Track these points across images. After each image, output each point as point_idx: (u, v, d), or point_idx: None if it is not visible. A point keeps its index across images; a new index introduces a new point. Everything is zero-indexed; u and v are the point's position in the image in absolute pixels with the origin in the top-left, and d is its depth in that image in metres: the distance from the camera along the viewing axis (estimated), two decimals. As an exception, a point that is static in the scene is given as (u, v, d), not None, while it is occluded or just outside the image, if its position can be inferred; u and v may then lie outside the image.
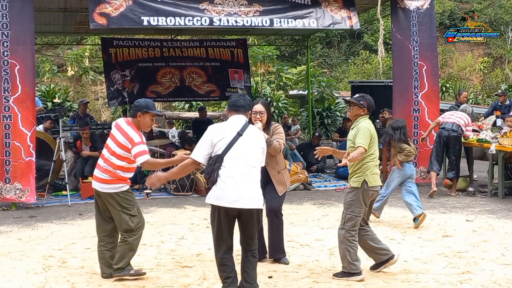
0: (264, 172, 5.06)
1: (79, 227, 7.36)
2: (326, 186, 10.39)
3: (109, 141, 4.98)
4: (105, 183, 4.92)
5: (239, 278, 4.42)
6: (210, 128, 4.41)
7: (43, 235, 6.89)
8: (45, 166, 9.39)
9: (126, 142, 4.84)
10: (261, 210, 4.41)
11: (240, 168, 4.24)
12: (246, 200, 4.22)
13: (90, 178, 9.75)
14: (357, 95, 5.26)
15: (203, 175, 9.60)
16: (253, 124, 4.98)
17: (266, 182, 5.28)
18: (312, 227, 7.17)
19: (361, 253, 5.16)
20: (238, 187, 4.20)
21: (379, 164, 10.87)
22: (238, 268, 4.43)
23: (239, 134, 4.31)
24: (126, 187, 4.99)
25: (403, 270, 5.27)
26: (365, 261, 5.62)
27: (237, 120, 4.42)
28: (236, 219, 4.37)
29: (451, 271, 5.23)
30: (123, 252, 5.00)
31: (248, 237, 4.38)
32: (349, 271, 5.01)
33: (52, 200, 9.31)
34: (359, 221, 5.07)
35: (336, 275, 5.09)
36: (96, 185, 4.98)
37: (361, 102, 5.08)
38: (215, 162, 4.24)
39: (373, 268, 5.27)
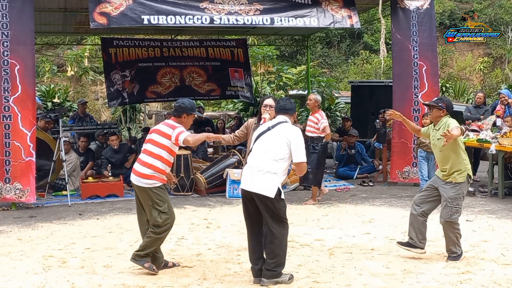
0: None
1: (79, 227, 7.36)
2: (326, 186, 10.36)
3: (152, 135, 5.25)
4: (142, 178, 5.15)
5: None
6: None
7: (43, 235, 6.89)
8: (45, 166, 9.39)
9: (169, 129, 5.14)
10: (274, 199, 4.71)
11: (258, 157, 4.78)
12: (253, 184, 4.73)
13: (90, 178, 9.82)
14: (435, 98, 5.81)
15: (203, 175, 9.65)
16: (261, 115, 5.65)
17: None
18: (312, 227, 7.17)
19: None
20: (252, 172, 4.77)
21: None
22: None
23: (269, 129, 4.87)
24: (159, 183, 5.16)
25: (403, 270, 5.27)
26: (366, 261, 5.63)
27: (276, 118, 4.98)
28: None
29: (451, 271, 5.23)
30: (145, 244, 5.21)
31: (266, 220, 4.81)
32: (457, 253, 5.55)
33: (52, 200, 9.30)
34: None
35: (452, 259, 5.54)
36: (133, 178, 5.22)
37: (440, 104, 5.50)
38: (249, 151, 4.98)
39: (400, 243, 5.71)
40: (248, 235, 4.99)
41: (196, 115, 5.39)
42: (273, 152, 4.76)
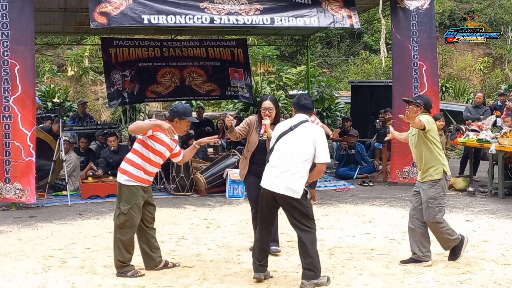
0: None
1: (79, 227, 7.36)
2: (326, 186, 10.39)
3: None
4: (119, 171, 5.18)
5: None
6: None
7: (43, 235, 6.89)
8: (45, 166, 9.39)
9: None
10: (300, 199, 4.68)
11: (282, 156, 4.74)
12: (278, 185, 4.68)
13: (90, 178, 9.81)
14: (415, 95, 5.67)
15: (203, 175, 9.65)
16: (262, 119, 5.51)
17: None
18: (312, 227, 7.16)
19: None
20: (275, 172, 4.72)
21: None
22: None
23: (291, 129, 4.81)
24: (133, 182, 5.10)
25: (403, 270, 5.27)
26: (366, 261, 5.63)
27: (297, 117, 4.91)
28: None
29: (451, 271, 5.23)
30: (115, 255, 5.17)
31: (291, 223, 4.82)
32: (457, 245, 5.46)
33: (52, 200, 9.30)
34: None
35: (453, 258, 5.47)
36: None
37: (418, 101, 5.47)
38: (270, 150, 4.90)
39: (404, 261, 5.49)
40: (258, 232, 4.96)
41: (190, 121, 5.26)
42: (300, 153, 4.71)
